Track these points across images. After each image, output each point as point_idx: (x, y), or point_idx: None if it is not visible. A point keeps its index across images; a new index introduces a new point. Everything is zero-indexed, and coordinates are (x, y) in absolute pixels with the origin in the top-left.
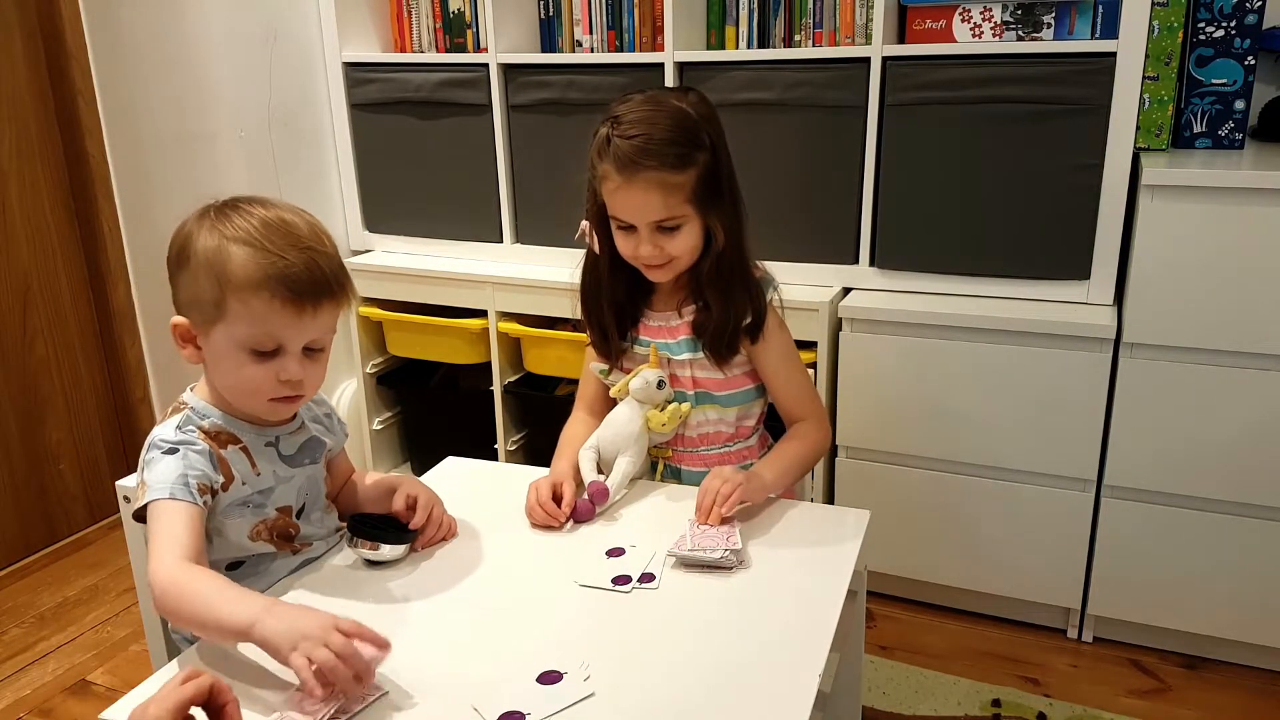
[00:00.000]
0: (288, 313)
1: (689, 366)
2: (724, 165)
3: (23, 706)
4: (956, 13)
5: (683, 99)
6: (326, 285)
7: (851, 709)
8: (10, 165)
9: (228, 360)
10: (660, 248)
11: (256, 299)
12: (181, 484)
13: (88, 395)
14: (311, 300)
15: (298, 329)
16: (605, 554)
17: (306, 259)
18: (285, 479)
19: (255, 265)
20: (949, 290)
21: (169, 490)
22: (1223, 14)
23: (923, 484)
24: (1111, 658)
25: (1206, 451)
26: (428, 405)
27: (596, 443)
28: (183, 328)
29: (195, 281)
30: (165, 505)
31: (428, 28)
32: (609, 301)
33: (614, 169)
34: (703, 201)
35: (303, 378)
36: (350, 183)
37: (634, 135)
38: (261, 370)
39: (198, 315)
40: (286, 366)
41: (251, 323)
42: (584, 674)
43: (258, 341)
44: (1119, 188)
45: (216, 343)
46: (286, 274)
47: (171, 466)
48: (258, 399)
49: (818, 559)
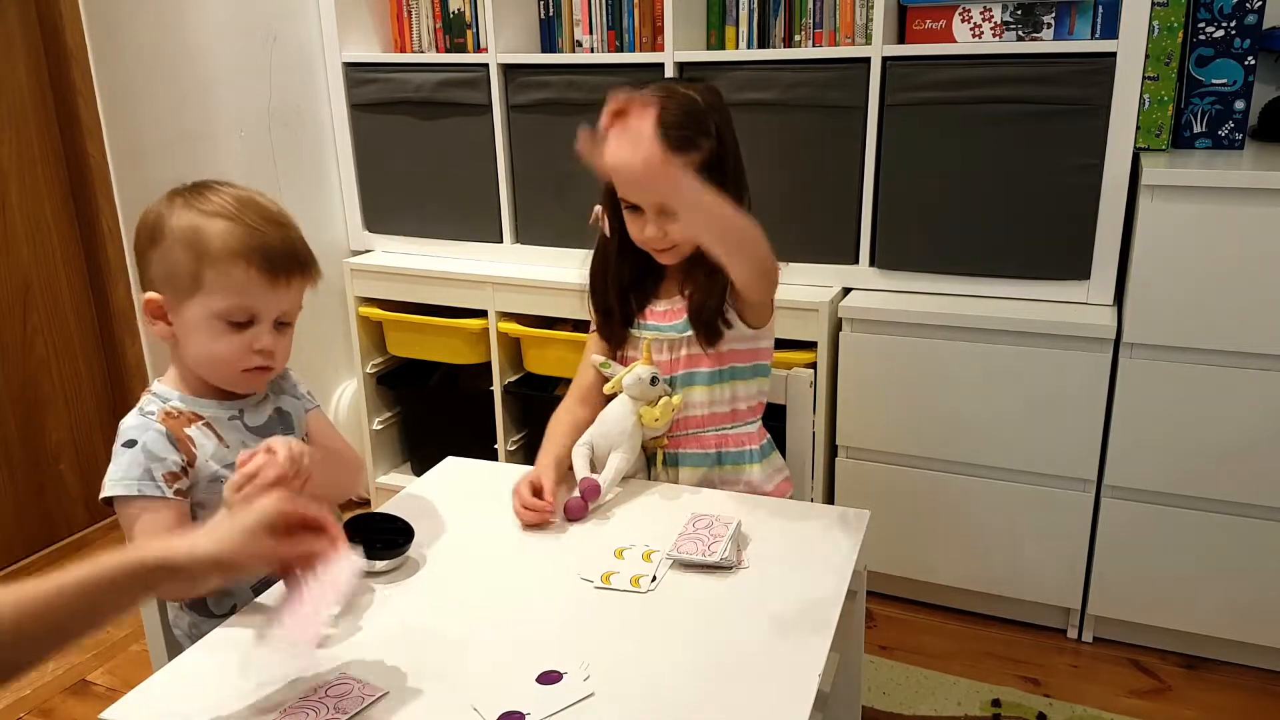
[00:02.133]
0: (264, 283)
1: (685, 345)
2: (730, 155)
3: (23, 706)
4: (956, 13)
5: (693, 88)
6: (299, 260)
7: (851, 709)
8: (10, 165)
9: (201, 332)
10: (665, 231)
11: (235, 269)
12: (147, 478)
13: (88, 395)
14: (285, 273)
15: (272, 300)
16: (600, 560)
17: (282, 234)
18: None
19: (234, 237)
20: (949, 290)
21: (136, 488)
22: (1223, 14)
23: (923, 484)
24: (1111, 658)
25: (1206, 451)
26: (428, 405)
27: (590, 439)
28: (154, 303)
29: (170, 256)
30: (135, 505)
31: (428, 28)
32: (614, 283)
33: None
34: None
35: (275, 348)
36: (350, 183)
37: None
38: (235, 341)
39: (171, 290)
40: (260, 337)
41: (229, 293)
42: (584, 674)
43: (233, 312)
44: (1119, 188)
45: (190, 316)
46: (265, 245)
47: (130, 461)
48: (230, 369)
49: (817, 559)
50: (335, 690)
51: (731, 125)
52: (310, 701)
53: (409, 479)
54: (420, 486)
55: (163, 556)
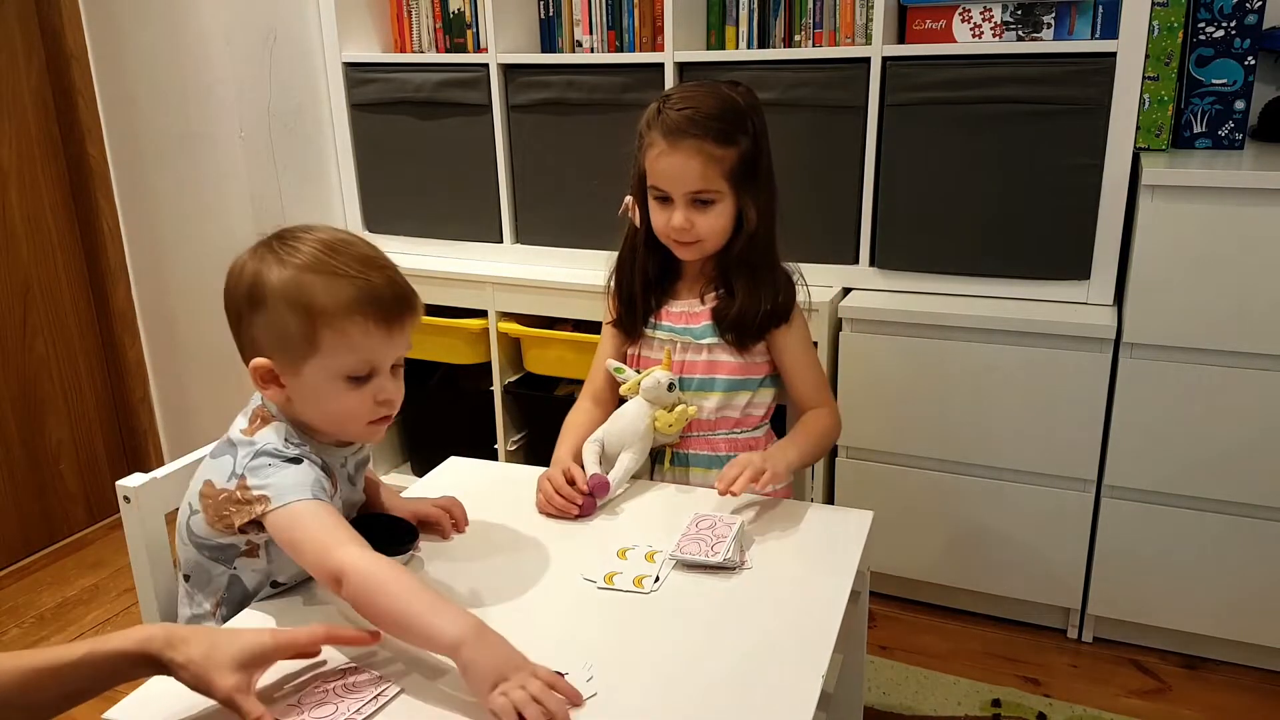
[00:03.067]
0: (380, 333)
1: (706, 351)
2: (764, 156)
3: None
4: (956, 13)
5: (732, 89)
6: (408, 300)
7: (854, 709)
8: (10, 165)
9: (323, 392)
10: (692, 222)
11: (351, 325)
12: (320, 488)
13: (88, 395)
14: (399, 317)
15: (389, 348)
16: (603, 561)
17: (386, 277)
18: (345, 497)
19: (343, 293)
20: (949, 290)
21: (310, 492)
22: (1223, 14)
23: (923, 484)
24: (1111, 658)
25: (1206, 451)
26: (428, 405)
27: (602, 436)
28: (264, 369)
29: (279, 320)
30: (311, 505)
31: (428, 28)
32: (640, 274)
33: (660, 135)
34: (739, 182)
35: (396, 395)
36: (350, 183)
37: (684, 108)
38: (359, 396)
39: (284, 354)
40: (384, 387)
41: (349, 350)
42: (587, 674)
43: (355, 368)
44: (1119, 188)
45: (309, 377)
46: (375, 295)
47: (302, 473)
48: (355, 424)
49: (821, 560)
50: (344, 687)
51: (766, 128)
52: (316, 697)
53: (409, 479)
54: (422, 487)
55: (461, 654)
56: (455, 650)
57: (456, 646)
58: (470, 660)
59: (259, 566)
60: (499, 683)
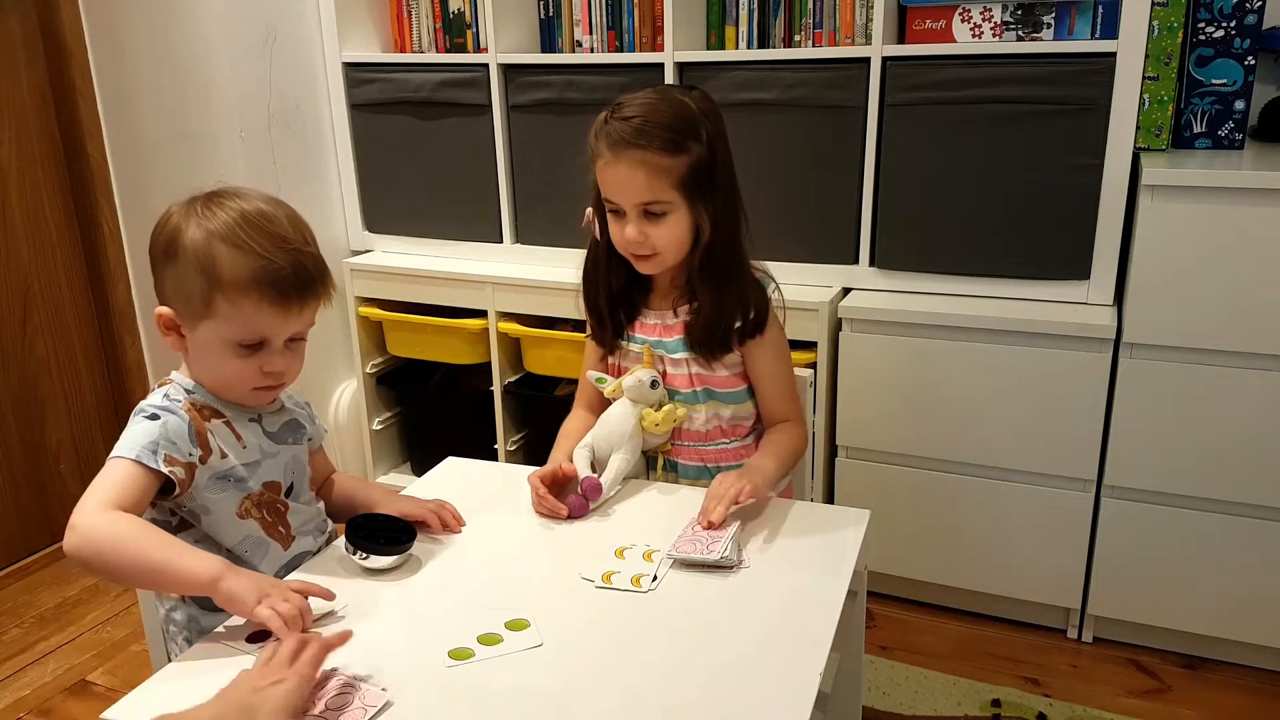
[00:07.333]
0: (274, 311)
1: (686, 364)
2: (720, 161)
3: (23, 706)
4: (956, 13)
5: (686, 94)
6: (311, 284)
7: (852, 709)
8: (10, 165)
9: (212, 354)
10: (645, 234)
11: (245, 300)
12: (150, 450)
13: (88, 395)
14: (298, 299)
15: (282, 326)
16: (601, 560)
17: (293, 260)
18: (271, 454)
19: (244, 268)
20: (949, 290)
21: (135, 452)
22: (1223, 14)
23: (923, 484)
24: (1111, 658)
25: (1206, 451)
26: (428, 405)
27: (591, 440)
28: (167, 317)
29: (184, 276)
30: (122, 463)
31: (428, 28)
32: (605, 287)
33: (605, 146)
34: (691, 191)
35: (285, 369)
36: (350, 183)
37: (630, 117)
38: (245, 363)
39: (184, 309)
40: (270, 360)
41: (239, 322)
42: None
43: (245, 338)
44: (1119, 188)
45: (201, 337)
46: (275, 275)
47: (146, 430)
48: (241, 388)
49: (818, 559)
50: (335, 702)
51: (724, 134)
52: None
53: (409, 479)
54: (421, 486)
55: (219, 587)
56: (215, 584)
57: (215, 580)
58: (230, 588)
59: (199, 537)
60: (262, 599)
